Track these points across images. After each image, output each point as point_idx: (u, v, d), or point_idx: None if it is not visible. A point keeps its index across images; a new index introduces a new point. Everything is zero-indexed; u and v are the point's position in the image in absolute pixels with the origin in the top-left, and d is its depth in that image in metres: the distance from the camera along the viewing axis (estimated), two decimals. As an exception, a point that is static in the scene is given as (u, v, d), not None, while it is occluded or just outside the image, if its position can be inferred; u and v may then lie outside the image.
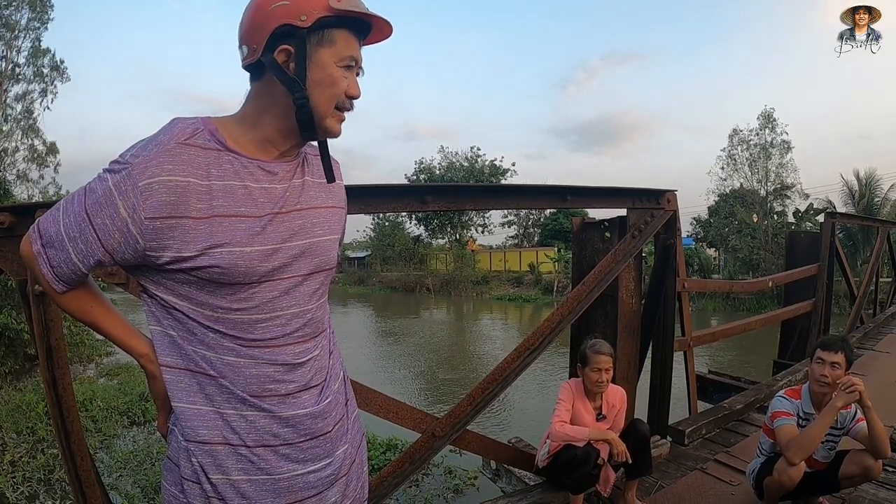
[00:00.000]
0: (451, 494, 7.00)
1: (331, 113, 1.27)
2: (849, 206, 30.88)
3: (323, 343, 1.42)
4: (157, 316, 1.26)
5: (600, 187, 3.92)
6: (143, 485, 6.81)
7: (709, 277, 30.78)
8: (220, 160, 1.22)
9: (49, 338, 2.23)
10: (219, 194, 1.20)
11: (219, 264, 1.19)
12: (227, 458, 1.26)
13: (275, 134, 1.29)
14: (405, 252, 50.18)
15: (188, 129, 1.21)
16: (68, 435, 2.29)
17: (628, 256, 3.91)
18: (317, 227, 1.37)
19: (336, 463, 1.39)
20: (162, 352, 1.27)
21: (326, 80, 1.24)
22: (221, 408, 1.26)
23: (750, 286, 9.45)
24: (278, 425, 1.29)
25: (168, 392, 1.27)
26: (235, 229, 1.21)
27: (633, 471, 3.39)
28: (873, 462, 3.02)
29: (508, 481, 4.48)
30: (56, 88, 24.84)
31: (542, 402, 10.76)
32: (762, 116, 32.33)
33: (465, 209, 3.53)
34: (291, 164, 1.34)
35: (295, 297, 1.31)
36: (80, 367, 13.44)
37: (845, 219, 12.63)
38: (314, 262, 1.36)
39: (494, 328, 26.21)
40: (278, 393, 1.29)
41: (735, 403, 5.22)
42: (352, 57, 1.26)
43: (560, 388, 3.46)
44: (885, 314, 10.99)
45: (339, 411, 1.44)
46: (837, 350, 3.07)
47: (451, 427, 3.24)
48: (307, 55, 1.22)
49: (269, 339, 1.28)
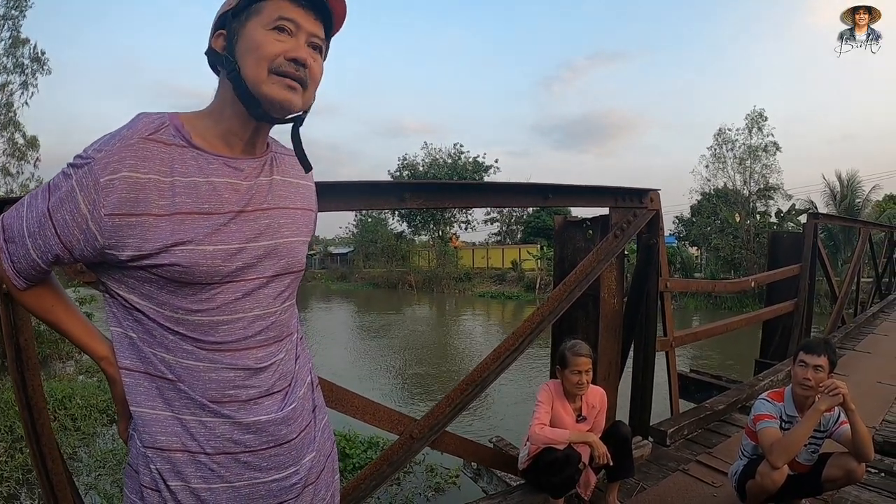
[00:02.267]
0: (432, 493, 7.01)
1: (264, 78, 1.20)
2: (830, 207, 31.24)
3: (288, 347, 1.38)
4: (118, 316, 1.23)
5: (582, 186, 3.87)
6: (122, 484, 6.65)
7: (691, 276, 31.04)
8: (184, 156, 1.19)
9: (18, 338, 2.18)
10: (181, 191, 1.17)
11: (180, 262, 1.15)
12: (186, 465, 1.22)
13: (236, 123, 1.25)
14: (388, 248, 50.15)
15: (153, 125, 1.18)
16: (38, 437, 2.23)
17: (610, 256, 3.86)
18: (284, 227, 1.33)
19: (302, 472, 1.35)
20: (122, 354, 1.23)
21: (251, 45, 1.20)
22: (180, 413, 1.23)
23: (732, 286, 9.50)
24: (239, 432, 1.25)
25: (126, 396, 1.23)
26: (198, 227, 1.18)
27: (615, 473, 3.36)
28: (856, 465, 3.01)
29: (490, 481, 4.44)
30: (36, 81, 24.44)
31: (523, 390, 10.80)
32: (749, 118, 32.46)
33: (445, 207, 3.49)
34: (258, 162, 1.31)
35: (258, 300, 1.28)
36: (60, 364, 13.32)
37: (828, 220, 12.75)
38: (280, 263, 1.32)
39: (476, 325, 26.26)
40: (239, 398, 1.25)
41: (717, 403, 5.20)
42: (281, 17, 1.20)
43: (539, 390, 3.41)
44: (867, 314, 11.11)
45: (306, 418, 1.40)
46: (821, 353, 3.04)
47: (429, 429, 3.19)
48: (235, 32, 1.22)
49: (230, 342, 1.24)
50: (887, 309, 12.20)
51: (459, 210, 46.40)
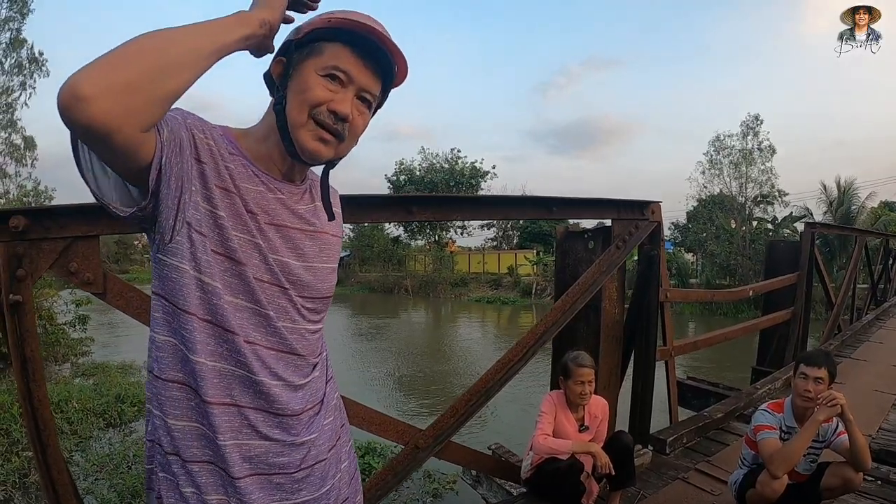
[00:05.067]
0: (430, 499, 6.99)
1: (303, 123, 1.18)
2: (826, 214, 31.30)
3: (320, 367, 1.40)
4: (167, 323, 1.17)
5: (586, 198, 3.92)
6: (119, 489, 6.67)
7: (686, 282, 31.09)
8: (235, 163, 1.20)
9: (24, 349, 2.17)
10: (238, 186, 1.19)
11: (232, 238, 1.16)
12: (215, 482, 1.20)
13: (276, 151, 1.25)
14: (384, 253, 49.96)
15: (206, 126, 1.19)
16: (44, 448, 2.23)
17: (613, 267, 3.91)
18: (323, 253, 1.34)
19: (333, 494, 1.38)
20: (168, 365, 1.18)
21: (302, 86, 1.18)
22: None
23: (731, 295, 9.52)
24: (275, 454, 1.25)
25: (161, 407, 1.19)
26: (249, 224, 1.19)
27: (617, 482, 3.39)
28: (854, 474, 3.07)
29: (489, 488, 4.46)
30: (35, 82, 24.36)
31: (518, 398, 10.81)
32: (744, 124, 32.49)
33: (452, 219, 3.52)
34: (298, 189, 1.32)
35: (294, 320, 1.28)
36: (56, 367, 13.22)
37: (825, 229, 12.79)
38: (317, 287, 1.33)
39: (472, 330, 26.23)
40: (283, 413, 1.26)
41: (715, 412, 5.24)
42: (336, 67, 1.18)
43: (542, 400, 3.45)
44: (863, 322, 11.15)
45: (333, 437, 1.41)
46: (821, 365, 3.09)
47: (434, 439, 3.22)
48: (293, 64, 1.20)
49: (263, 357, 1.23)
50: (883, 317, 12.26)
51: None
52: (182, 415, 1.18)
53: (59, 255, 2.22)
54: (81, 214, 2.25)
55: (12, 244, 2.12)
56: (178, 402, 1.18)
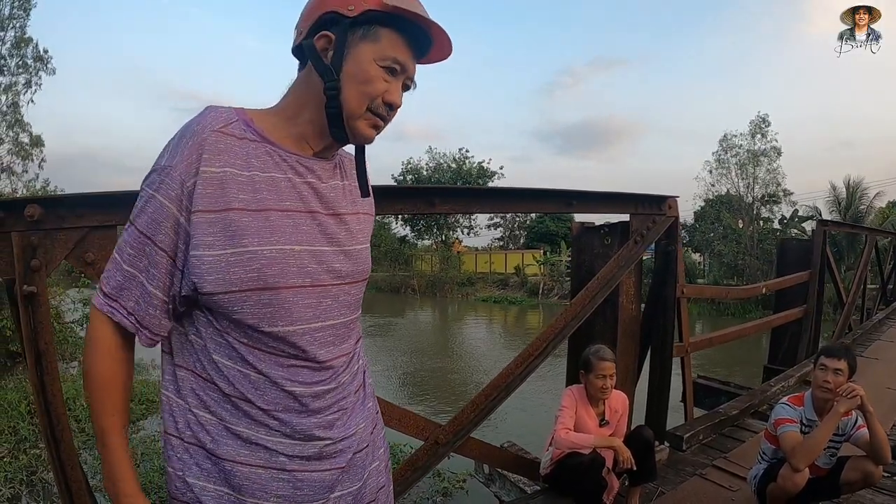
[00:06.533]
0: (439, 498, 6.94)
1: (362, 114, 1.18)
2: (834, 213, 31.18)
3: (359, 354, 1.40)
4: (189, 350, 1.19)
5: (604, 192, 3.90)
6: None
7: (694, 282, 30.97)
8: (258, 151, 1.16)
9: (38, 342, 2.10)
10: (262, 186, 1.15)
11: (266, 260, 1.13)
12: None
13: (310, 129, 1.22)
14: (391, 252, 49.97)
15: (221, 118, 1.14)
16: (58, 444, 2.16)
17: (630, 263, 3.91)
18: (359, 233, 1.32)
19: (371, 482, 1.38)
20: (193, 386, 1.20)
21: (361, 75, 1.15)
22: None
23: (745, 292, 9.51)
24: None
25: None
26: (283, 224, 1.16)
27: (637, 477, 3.38)
28: (874, 468, 3.08)
29: (502, 486, 4.46)
30: (41, 80, 24.47)
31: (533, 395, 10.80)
32: (753, 124, 32.33)
33: (473, 212, 3.52)
34: (330, 164, 1.28)
35: (332, 306, 1.25)
36: (63, 365, 13.23)
37: (836, 227, 12.74)
38: (357, 269, 1.31)
39: (479, 329, 26.20)
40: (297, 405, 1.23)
41: (731, 409, 5.24)
42: (395, 59, 1.17)
43: (563, 395, 3.45)
44: (873, 320, 11.13)
45: (368, 428, 1.40)
46: (841, 357, 3.10)
47: (454, 434, 3.20)
48: (347, 45, 1.15)
49: (307, 349, 1.21)
50: (893, 316, 12.20)
51: (463, 215, 46.31)
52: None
53: (75, 246, 2.14)
54: (98, 204, 2.18)
55: (27, 234, 2.04)
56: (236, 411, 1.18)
